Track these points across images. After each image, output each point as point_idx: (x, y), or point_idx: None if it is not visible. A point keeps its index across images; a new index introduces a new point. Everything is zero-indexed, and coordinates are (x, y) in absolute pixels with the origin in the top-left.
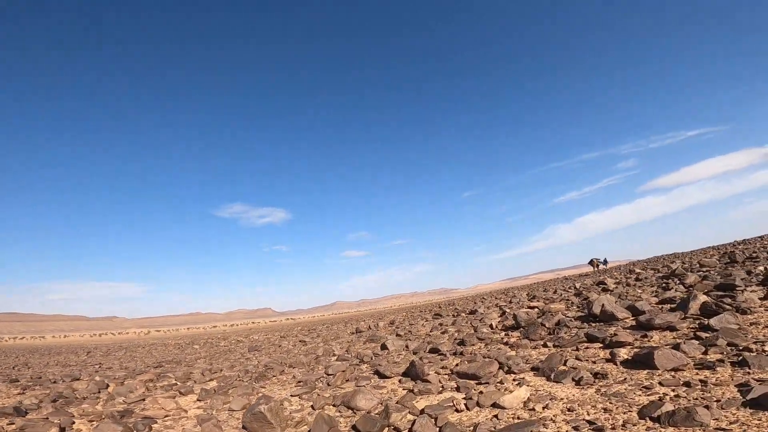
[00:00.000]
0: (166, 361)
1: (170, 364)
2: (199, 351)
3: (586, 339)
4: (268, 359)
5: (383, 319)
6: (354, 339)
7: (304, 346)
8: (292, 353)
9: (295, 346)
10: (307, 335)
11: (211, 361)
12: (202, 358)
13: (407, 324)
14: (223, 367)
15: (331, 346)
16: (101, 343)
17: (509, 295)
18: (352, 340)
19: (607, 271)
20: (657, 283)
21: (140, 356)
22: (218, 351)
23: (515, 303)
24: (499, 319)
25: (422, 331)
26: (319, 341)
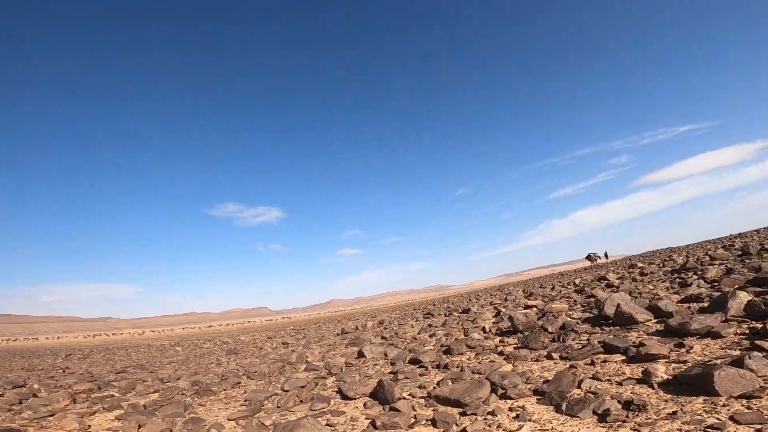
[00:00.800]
0: (134, 365)
1: (136, 369)
2: (179, 353)
3: (603, 349)
4: (234, 366)
5: (375, 317)
6: (337, 341)
7: (285, 348)
8: (267, 358)
9: (276, 349)
10: (294, 336)
11: (180, 366)
12: (173, 362)
13: (396, 324)
14: (184, 374)
15: (309, 351)
16: (91, 344)
17: (504, 291)
18: (334, 343)
19: (605, 266)
20: (667, 278)
21: (117, 359)
22: (197, 354)
23: (511, 301)
24: (493, 320)
25: (410, 333)
26: (302, 343)
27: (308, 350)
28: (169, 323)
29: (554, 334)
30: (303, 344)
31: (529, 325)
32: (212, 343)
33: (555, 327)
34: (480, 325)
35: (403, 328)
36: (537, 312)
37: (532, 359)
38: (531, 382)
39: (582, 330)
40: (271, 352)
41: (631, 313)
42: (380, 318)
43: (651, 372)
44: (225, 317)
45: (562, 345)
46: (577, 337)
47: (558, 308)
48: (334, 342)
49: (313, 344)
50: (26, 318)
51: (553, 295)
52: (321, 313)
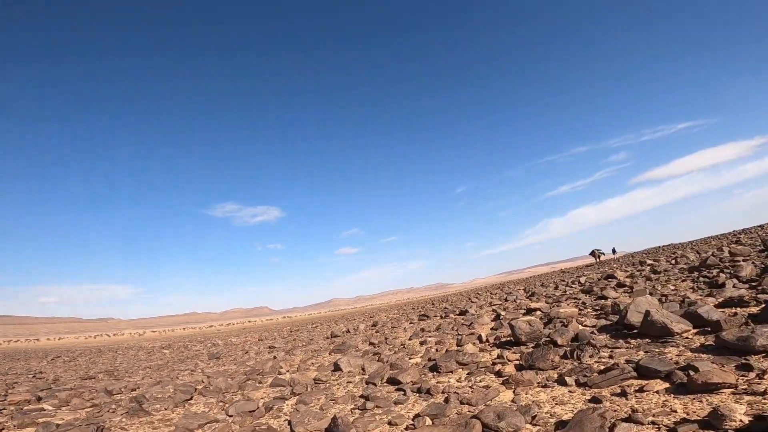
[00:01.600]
0: (107, 371)
1: (105, 375)
2: (164, 356)
3: (636, 372)
4: (202, 376)
5: (372, 317)
6: (323, 346)
7: (268, 353)
8: (245, 365)
9: (259, 354)
10: (286, 338)
11: (153, 372)
12: (150, 367)
13: (389, 327)
14: (145, 384)
15: (289, 358)
16: (86, 346)
17: (505, 290)
18: (319, 348)
19: (608, 263)
20: (686, 276)
21: (99, 363)
22: (180, 357)
23: (512, 302)
24: (491, 325)
25: (400, 338)
26: (288, 347)
27: (289, 357)
28: (170, 323)
29: (566, 348)
30: (289, 348)
31: (533, 335)
32: (202, 345)
33: (566, 339)
34: (476, 332)
35: (395, 331)
36: (542, 317)
37: (539, 384)
38: (540, 422)
39: (601, 343)
40: (253, 357)
41: (665, 322)
42: (375, 319)
43: (723, 413)
44: (226, 317)
45: (578, 364)
46: (596, 353)
47: (567, 313)
48: (320, 347)
49: (298, 349)
50: (28, 319)
51: (558, 295)
52: (322, 312)
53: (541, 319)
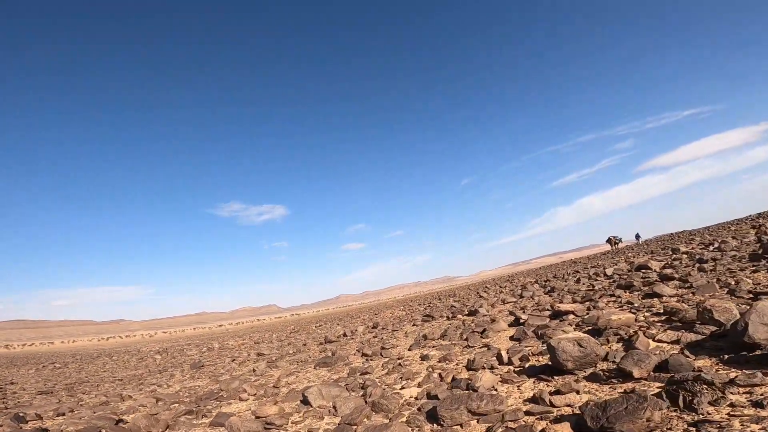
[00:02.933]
0: (73, 383)
1: (66, 388)
2: (155, 362)
3: None
4: (147, 400)
5: (377, 314)
6: (312, 355)
7: (254, 362)
8: (215, 381)
9: (243, 364)
10: (282, 341)
11: (125, 383)
12: (128, 376)
13: (389, 330)
14: (96, 402)
15: (265, 374)
16: (92, 349)
17: (515, 283)
18: (306, 359)
19: (622, 252)
20: (753, 265)
21: (86, 370)
22: (165, 365)
23: (528, 299)
24: (510, 332)
25: (399, 346)
26: (276, 354)
27: (269, 371)
28: (181, 324)
29: (655, 385)
30: (275, 357)
31: (585, 360)
32: (197, 350)
33: (647, 368)
34: (492, 344)
35: (395, 336)
36: (579, 323)
37: None
38: None
39: (720, 378)
40: (233, 368)
41: None
42: (377, 319)
43: None
44: (235, 316)
45: (696, 420)
46: (719, 395)
47: (621, 320)
48: (308, 357)
49: (284, 359)
50: (42, 323)
51: (584, 291)
52: (329, 308)
53: (585, 326)
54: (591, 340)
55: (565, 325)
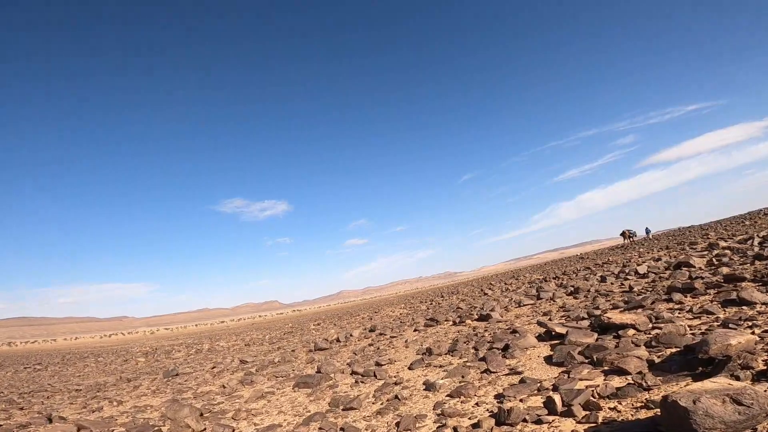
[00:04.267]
0: (34, 389)
1: (8, 402)
2: (135, 366)
3: None
4: (75, 429)
5: (378, 311)
6: (296, 367)
7: (232, 374)
8: (178, 400)
9: (221, 374)
10: (274, 343)
11: (67, 399)
12: (76, 390)
13: (388, 336)
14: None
15: (234, 394)
16: (96, 346)
17: (521, 280)
18: (287, 375)
19: (636, 245)
20: None
21: (61, 373)
22: (143, 370)
23: (547, 300)
24: (544, 351)
25: (398, 362)
26: (259, 362)
27: (240, 389)
28: (183, 320)
29: None
30: (257, 367)
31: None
32: (186, 351)
33: None
34: (525, 374)
35: (393, 345)
36: (653, 342)
37: None
38: None
39: None
40: (205, 381)
41: None
42: (375, 321)
43: None
44: (237, 312)
45: None
46: None
47: (739, 345)
48: (290, 370)
49: (264, 371)
50: (45, 320)
51: (618, 292)
52: (331, 304)
53: (655, 348)
54: (758, 394)
55: (632, 346)
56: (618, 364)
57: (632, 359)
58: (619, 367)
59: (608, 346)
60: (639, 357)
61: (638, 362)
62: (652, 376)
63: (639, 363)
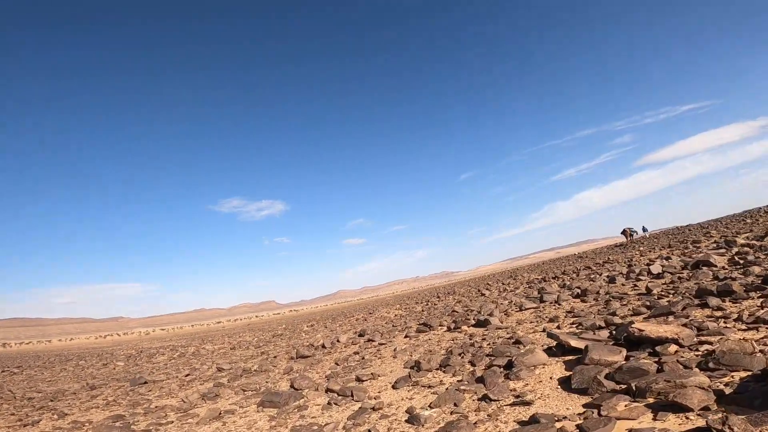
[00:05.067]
0: None
1: None
2: (111, 371)
3: None
4: None
5: (372, 312)
6: (269, 379)
7: (201, 384)
8: (122, 419)
9: (190, 384)
10: (260, 347)
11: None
12: (28, 399)
13: (376, 343)
14: None
15: (194, 411)
16: (82, 347)
17: (519, 280)
18: (257, 389)
19: (636, 242)
20: None
21: (39, 377)
22: (118, 375)
23: (553, 304)
24: (559, 372)
25: (382, 376)
26: (230, 372)
27: (197, 408)
28: (179, 321)
29: None
30: (231, 376)
31: None
32: (169, 355)
33: None
34: (537, 407)
35: (380, 354)
36: (711, 365)
37: None
38: None
39: None
40: (169, 393)
41: None
42: (366, 325)
43: None
44: (234, 312)
45: None
46: None
47: None
48: (264, 381)
49: (234, 383)
50: (40, 321)
51: (632, 294)
52: (328, 304)
53: (716, 371)
54: None
55: (681, 369)
56: (673, 398)
57: (692, 390)
58: (674, 401)
59: (648, 368)
60: (700, 386)
61: (702, 394)
62: (736, 419)
63: (703, 395)
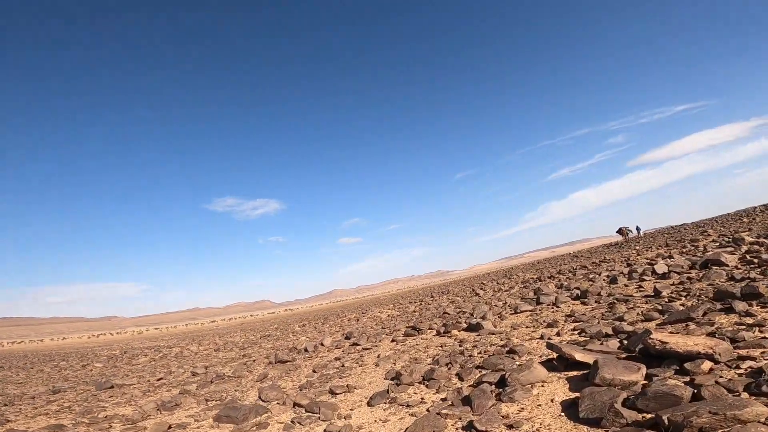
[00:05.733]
0: None
1: None
2: (91, 373)
3: None
4: None
5: (365, 312)
6: (239, 388)
7: (168, 391)
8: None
9: (158, 389)
10: (244, 350)
11: None
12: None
13: (361, 346)
14: None
15: None
16: (76, 347)
17: (514, 279)
18: (224, 395)
19: (631, 241)
20: None
21: (12, 379)
22: (92, 377)
23: (551, 307)
24: (561, 393)
25: (358, 388)
26: (202, 378)
27: (146, 421)
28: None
29: None
30: (201, 382)
31: None
32: (152, 356)
33: None
34: None
35: (362, 361)
36: (750, 380)
37: None
38: None
39: None
40: (130, 400)
41: None
42: (355, 326)
43: None
44: (228, 312)
45: None
46: None
47: None
48: (232, 390)
49: (201, 392)
50: (32, 320)
51: (638, 296)
52: (323, 303)
53: None
54: None
55: (727, 396)
56: None
57: (754, 428)
58: None
59: (680, 393)
60: (760, 419)
61: None
62: None
63: None
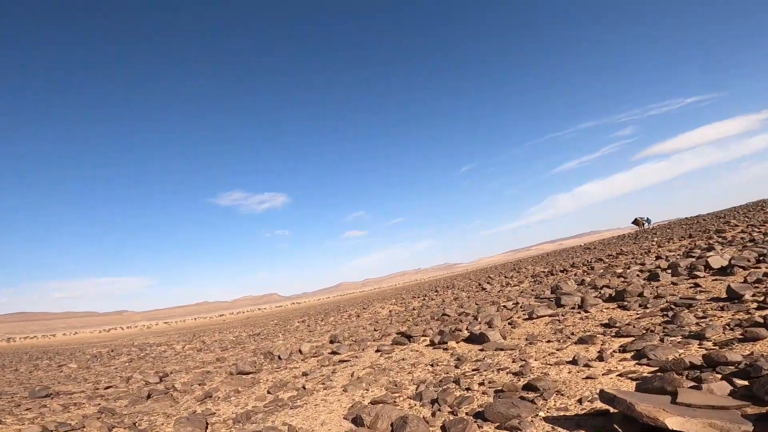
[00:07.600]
0: None
1: None
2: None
3: None
4: None
5: (366, 308)
6: (192, 400)
7: (115, 402)
8: None
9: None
10: (229, 349)
11: None
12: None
13: (337, 360)
14: None
15: None
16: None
17: (524, 273)
18: (174, 410)
19: (647, 232)
20: None
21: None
22: (58, 380)
23: (577, 312)
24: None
25: (316, 418)
26: (169, 382)
27: None
28: (182, 314)
29: None
30: (161, 389)
31: None
32: (129, 357)
33: None
34: None
35: (329, 383)
36: None
37: None
38: None
39: None
40: (51, 412)
41: None
42: (344, 328)
43: None
44: (236, 305)
45: None
46: None
47: None
48: (187, 403)
49: (137, 406)
50: (45, 315)
51: (702, 299)
52: (330, 297)
53: None
54: None
55: None
56: None
57: None
58: None
59: None
60: None
61: None
62: None
63: None
